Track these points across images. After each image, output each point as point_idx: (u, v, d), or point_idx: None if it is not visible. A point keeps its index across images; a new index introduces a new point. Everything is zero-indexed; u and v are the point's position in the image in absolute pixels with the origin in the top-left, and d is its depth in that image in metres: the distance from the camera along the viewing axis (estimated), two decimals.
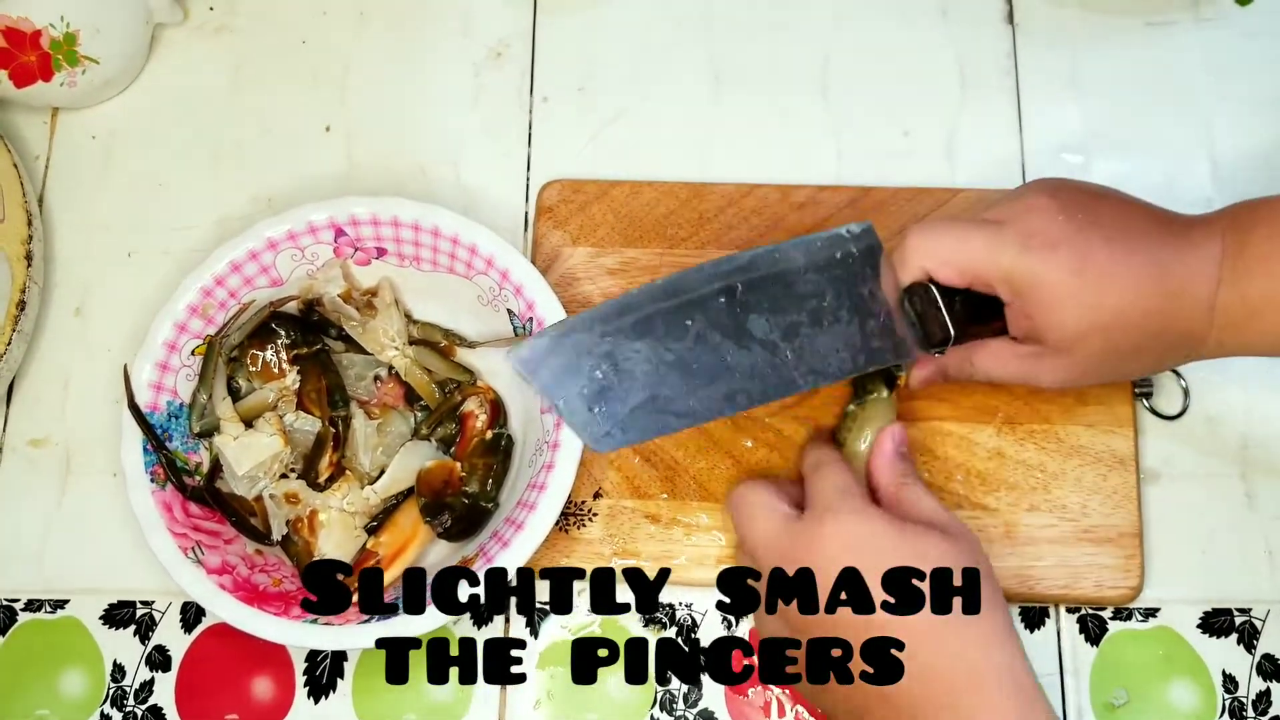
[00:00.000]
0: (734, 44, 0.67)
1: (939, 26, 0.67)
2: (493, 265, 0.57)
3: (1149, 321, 0.49)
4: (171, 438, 0.56)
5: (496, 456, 0.58)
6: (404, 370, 0.59)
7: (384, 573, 0.56)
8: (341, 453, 0.58)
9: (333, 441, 0.58)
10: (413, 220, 0.57)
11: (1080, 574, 0.56)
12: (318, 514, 0.57)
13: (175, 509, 0.55)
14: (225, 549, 0.55)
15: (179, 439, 0.57)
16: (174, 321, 0.57)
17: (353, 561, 0.57)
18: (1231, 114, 0.65)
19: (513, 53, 0.68)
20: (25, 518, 0.61)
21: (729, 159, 0.65)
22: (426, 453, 0.58)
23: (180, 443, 0.57)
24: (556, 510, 0.53)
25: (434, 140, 0.66)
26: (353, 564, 0.57)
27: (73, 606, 0.60)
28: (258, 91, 0.68)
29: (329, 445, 0.57)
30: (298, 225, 0.57)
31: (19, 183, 0.62)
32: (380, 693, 0.58)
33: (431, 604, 0.52)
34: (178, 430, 0.57)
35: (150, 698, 0.58)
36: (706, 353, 0.50)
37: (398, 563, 0.56)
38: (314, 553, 0.57)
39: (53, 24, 0.61)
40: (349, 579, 0.56)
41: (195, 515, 0.56)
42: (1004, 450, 0.58)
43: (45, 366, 0.64)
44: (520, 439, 0.59)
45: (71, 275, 0.65)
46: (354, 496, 0.57)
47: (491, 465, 0.57)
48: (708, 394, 0.50)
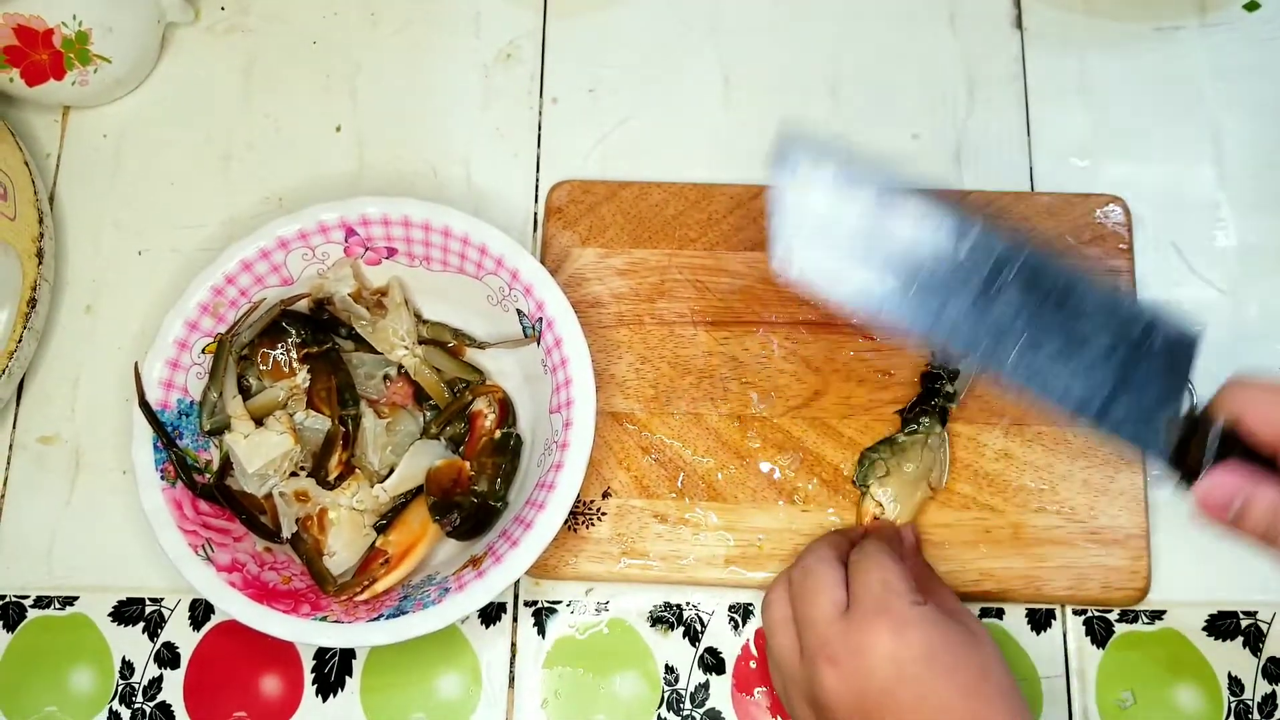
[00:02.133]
0: (743, 46, 0.67)
1: (947, 30, 0.67)
2: (503, 265, 0.57)
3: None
4: (182, 435, 0.57)
5: (505, 456, 0.58)
6: (413, 370, 0.59)
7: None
8: (351, 451, 0.58)
9: (342, 440, 0.58)
10: (423, 220, 0.57)
11: (1087, 575, 0.57)
12: (327, 512, 0.57)
13: (185, 506, 0.55)
14: (235, 547, 0.55)
15: (189, 437, 0.57)
16: (185, 319, 0.57)
17: (361, 559, 0.57)
18: (1238, 119, 0.65)
19: (523, 54, 0.68)
20: (35, 515, 0.61)
21: (738, 160, 0.65)
22: (436, 452, 0.58)
23: (191, 440, 0.57)
24: (565, 510, 0.53)
25: (444, 141, 0.67)
26: (362, 562, 0.57)
27: (82, 603, 0.60)
28: (269, 92, 0.68)
29: (339, 444, 0.58)
30: (309, 225, 0.58)
31: (30, 180, 0.62)
32: (389, 691, 0.58)
33: (437, 606, 0.52)
34: (188, 428, 0.57)
35: (159, 694, 0.58)
36: (940, 274, 0.46)
37: (406, 561, 0.56)
38: (323, 550, 0.57)
39: (65, 23, 0.61)
40: (360, 580, 0.56)
41: (205, 513, 0.56)
42: (1012, 451, 0.59)
43: (56, 364, 0.64)
44: (529, 439, 0.59)
45: (82, 273, 0.65)
46: (364, 495, 0.58)
47: (500, 465, 0.58)
48: (918, 304, 0.46)
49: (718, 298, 0.62)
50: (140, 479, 0.55)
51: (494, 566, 0.52)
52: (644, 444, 0.59)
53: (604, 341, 0.61)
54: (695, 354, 0.61)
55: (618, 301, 0.62)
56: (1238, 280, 0.62)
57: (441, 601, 0.52)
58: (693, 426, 0.60)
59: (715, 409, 0.60)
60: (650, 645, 0.58)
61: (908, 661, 0.47)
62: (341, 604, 0.54)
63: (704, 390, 0.60)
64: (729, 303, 0.61)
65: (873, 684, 0.47)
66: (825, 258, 0.47)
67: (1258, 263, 0.62)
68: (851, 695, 0.47)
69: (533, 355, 0.58)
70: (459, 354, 0.61)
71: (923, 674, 0.46)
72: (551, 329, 0.56)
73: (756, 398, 0.60)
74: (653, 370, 0.61)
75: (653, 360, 0.61)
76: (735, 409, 0.60)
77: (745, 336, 0.61)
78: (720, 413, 0.60)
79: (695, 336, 0.61)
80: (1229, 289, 0.62)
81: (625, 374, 0.61)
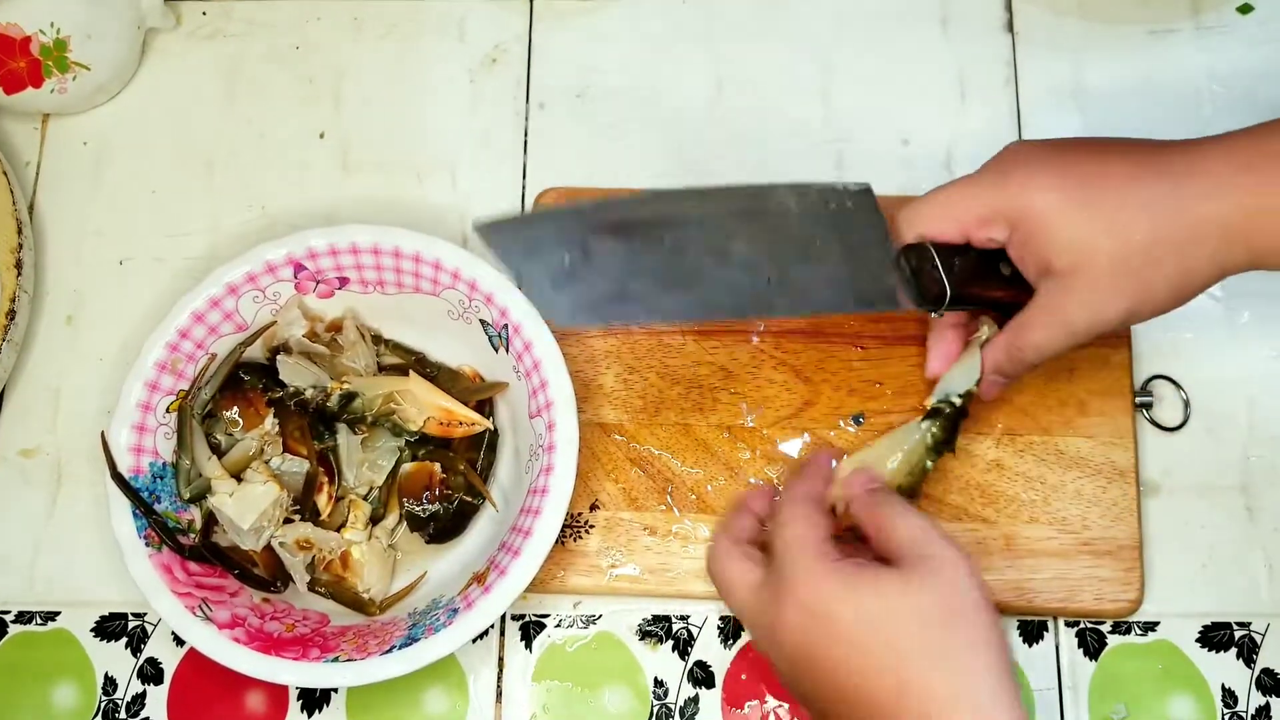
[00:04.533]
0: (734, 50, 0.67)
1: (939, 34, 0.66)
2: (459, 278, 0.56)
3: (1156, 217, 0.47)
4: (160, 499, 0.55)
5: (479, 451, 0.58)
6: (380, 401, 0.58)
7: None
8: (338, 484, 0.58)
9: (328, 475, 0.57)
10: (371, 245, 0.56)
11: (1079, 587, 0.56)
12: (350, 554, 0.57)
13: (175, 569, 0.54)
14: (232, 602, 0.55)
15: (167, 499, 0.56)
16: (144, 381, 0.56)
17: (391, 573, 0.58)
18: (1232, 122, 0.64)
19: (509, 58, 0.67)
20: (16, 529, 0.61)
21: (729, 166, 0.64)
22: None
23: (169, 502, 0.56)
24: (561, 513, 0.52)
25: (429, 147, 0.66)
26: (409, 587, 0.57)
27: (64, 619, 0.59)
28: (251, 98, 0.67)
29: (322, 481, 0.57)
30: (255, 266, 0.56)
31: (8, 190, 0.62)
32: (375, 707, 0.57)
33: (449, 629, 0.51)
34: (164, 490, 0.56)
35: (142, 711, 0.58)
36: (684, 263, 0.50)
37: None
38: (357, 590, 0.56)
39: (43, 30, 0.61)
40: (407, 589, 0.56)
41: (196, 573, 0.55)
42: (1003, 462, 0.58)
43: (36, 376, 0.63)
44: (512, 447, 0.59)
45: (62, 283, 0.64)
46: (379, 530, 0.58)
47: (475, 460, 0.57)
48: (682, 298, 0.51)
49: None
50: (125, 550, 0.54)
51: (499, 580, 0.52)
52: (632, 455, 0.59)
53: (591, 351, 0.60)
54: (684, 364, 0.60)
55: None
56: (1229, 286, 0.61)
57: (452, 623, 0.52)
58: (681, 437, 0.59)
59: (704, 419, 0.59)
60: (639, 659, 0.57)
61: (818, 632, 0.45)
62: (351, 642, 0.54)
63: (693, 401, 0.60)
64: None
65: (793, 655, 0.46)
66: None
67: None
68: (786, 665, 0.47)
69: (504, 364, 0.57)
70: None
71: (830, 641, 0.44)
72: (519, 333, 0.55)
73: (746, 408, 0.59)
74: (641, 380, 0.60)
75: (641, 370, 0.60)
76: (724, 419, 0.59)
77: (735, 346, 0.60)
78: (709, 423, 0.59)
79: (684, 346, 0.60)
80: (1222, 295, 0.61)
81: (613, 385, 0.60)
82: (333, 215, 0.65)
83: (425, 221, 0.63)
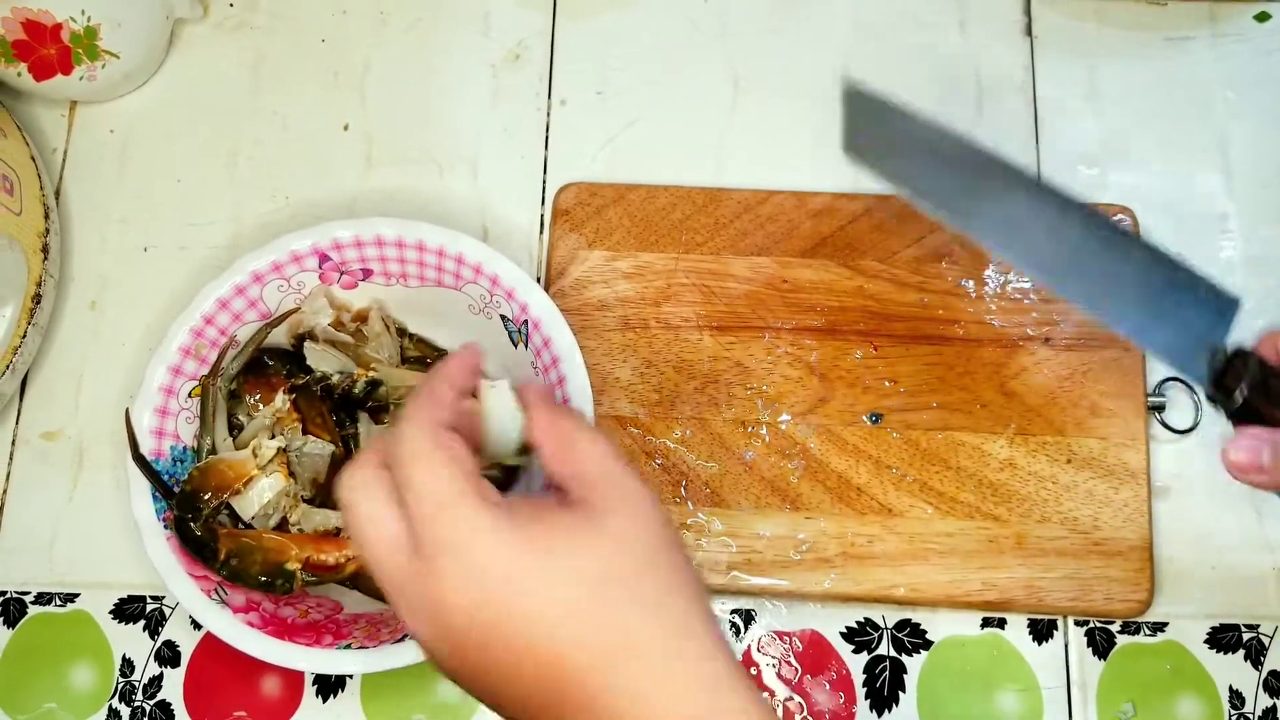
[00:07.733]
0: (752, 50, 0.67)
1: (957, 37, 0.67)
2: (481, 273, 0.57)
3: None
4: (179, 482, 0.56)
5: None
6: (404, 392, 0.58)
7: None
8: None
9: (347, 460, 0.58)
10: (395, 238, 0.57)
11: (1089, 586, 0.57)
12: None
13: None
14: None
15: None
16: (168, 365, 0.56)
17: None
18: (1247, 129, 0.65)
19: (531, 55, 0.68)
20: (37, 510, 0.61)
21: (745, 165, 0.65)
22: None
23: None
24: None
25: (451, 141, 0.66)
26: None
27: (83, 600, 0.60)
28: (277, 89, 0.68)
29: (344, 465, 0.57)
30: (281, 255, 0.57)
31: (36, 176, 0.62)
32: (389, 692, 0.58)
33: None
34: (183, 474, 0.56)
35: (159, 693, 0.58)
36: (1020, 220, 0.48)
37: None
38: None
39: (73, 17, 0.61)
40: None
41: None
42: (1016, 461, 0.58)
43: (60, 360, 0.64)
44: None
45: (88, 269, 0.65)
46: None
47: None
48: (1022, 246, 0.48)
49: (724, 302, 0.61)
50: (144, 532, 0.54)
51: None
52: (647, 449, 0.59)
53: (609, 345, 0.61)
54: (700, 359, 0.61)
55: (623, 305, 0.62)
56: (1245, 291, 0.61)
57: None
58: (697, 431, 0.60)
59: (719, 414, 0.60)
60: None
61: (501, 606, 0.35)
62: (364, 629, 0.54)
63: (708, 395, 0.60)
64: (735, 307, 0.61)
65: (466, 643, 0.36)
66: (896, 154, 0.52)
67: (1265, 274, 0.62)
68: (457, 659, 0.36)
69: (523, 359, 0.58)
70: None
71: (520, 615, 0.35)
72: (539, 329, 0.56)
73: (761, 403, 0.60)
74: (657, 375, 0.61)
75: (657, 364, 0.61)
76: (739, 414, 0.60)
77: (751, 342, 0.61)
78: (724, 418, 0.60)
79: (700, 341, 0.61)
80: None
81: (630, 378, 0.61)
82: (355, 207, 0.65)
83: (446, 214, 0.64)
